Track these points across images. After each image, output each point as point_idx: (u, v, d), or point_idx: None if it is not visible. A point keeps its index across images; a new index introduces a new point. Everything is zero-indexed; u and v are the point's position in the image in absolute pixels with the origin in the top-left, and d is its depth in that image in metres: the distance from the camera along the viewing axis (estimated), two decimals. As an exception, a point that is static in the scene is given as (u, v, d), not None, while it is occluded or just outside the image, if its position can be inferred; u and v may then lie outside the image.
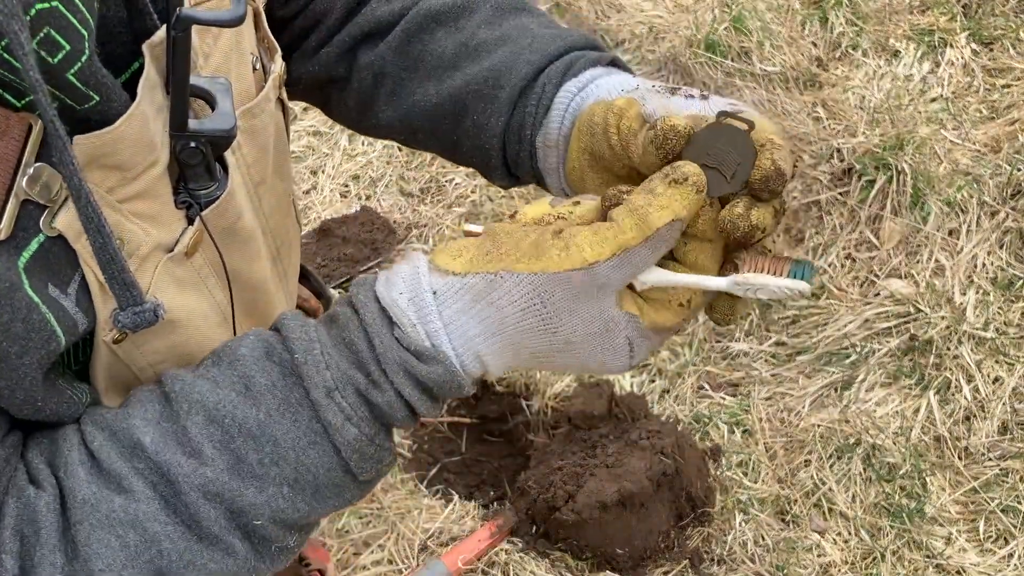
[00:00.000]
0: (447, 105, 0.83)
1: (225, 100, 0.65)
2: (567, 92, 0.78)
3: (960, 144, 2.66)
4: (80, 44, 0.55)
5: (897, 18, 3.09)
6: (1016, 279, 2.32)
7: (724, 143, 0.64)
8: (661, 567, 1.82)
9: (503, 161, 0.83)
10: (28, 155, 0.55)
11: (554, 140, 0.78)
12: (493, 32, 0.83)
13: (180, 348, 0.69)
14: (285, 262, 0.85)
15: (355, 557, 1.83)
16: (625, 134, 0.70)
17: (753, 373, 2.17)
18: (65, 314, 0.59)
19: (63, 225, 0.58)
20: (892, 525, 1.90)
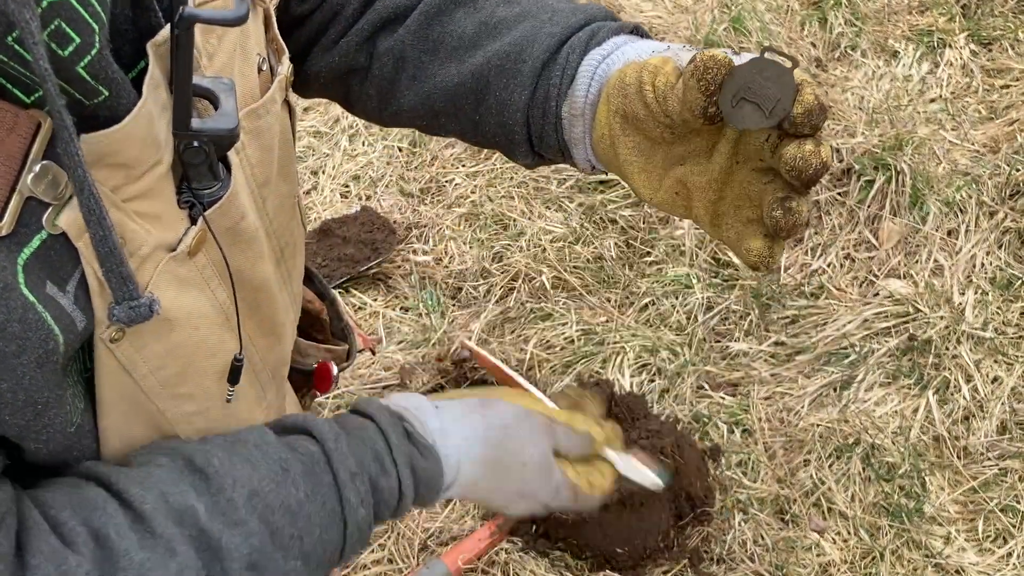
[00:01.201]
0: (469, 83, 0.83)
1: (228, 100, 0.65)
2: (592, 60, 0.77)
3: (959, 144, 2.67)
4: (91, 37, 0.55)
5: (896, 19, 3.09)
6: (1015, 279, 2.32)
7: (765, 78, 0.63)
8: (661, 566, 1.83)
9: (527, 137, 0.83)
10: (35, 152, 0.55)
11: (580, 108, 0.78)
12: (512, 9, 0.83)
13: (180, 350, 0.69)
14: (289, 263, 0.86)
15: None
16: (662, 89, 0.69)
17: (752, 373, 2.18)
18: (63, 312, 0.59)
19: (66, 223, 0.58)
20: (891, 524, 1.90)
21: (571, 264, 2.37)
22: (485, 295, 2.33)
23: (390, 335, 2.26)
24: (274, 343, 0.84)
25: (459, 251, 2.45)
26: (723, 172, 0.72)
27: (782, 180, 0.67)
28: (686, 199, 0.75)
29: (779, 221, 0.66)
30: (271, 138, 0.76)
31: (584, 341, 2.18)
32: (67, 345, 0.60)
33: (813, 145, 0.63)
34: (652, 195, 0.76)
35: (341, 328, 1.14)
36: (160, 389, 0.70)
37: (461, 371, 2.16)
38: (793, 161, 0.63)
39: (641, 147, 0.74)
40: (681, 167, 0.74)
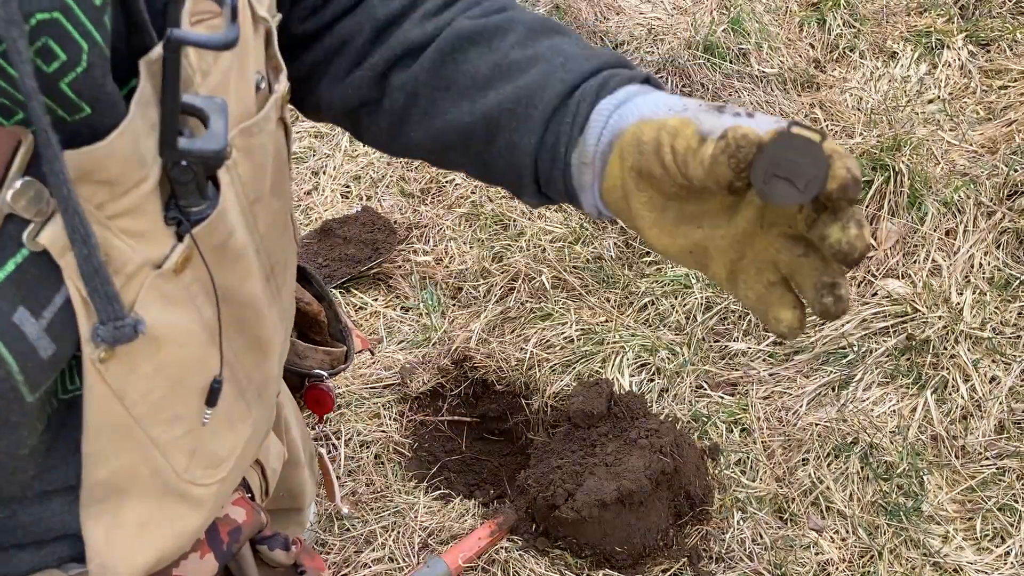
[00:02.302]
0: (480, 123, 0.83)
1: (218, 120, 0.64)
2: (604, 109, 0.77)
3: (957, 145, 2.68)
4: (77, 56, 0.55)
5: (894, 20, 3.10)
6: (1013, 279, 2.33)
7: (795, 153, 0.63)
8: (660, 565, 1.83)
9: (534, 179, 0.83)
10: (16, 168, 0.55)
11: (590, 157, 0.78)
12: (526, 52, 0.83)
13: (168, 369, 0.69)
14: (279, 280, 0.85)
15: (356, 555, 1.84)
16: (681, 153, 0.69)
17: (751, 372, 2.18)
18: (23, 341, 0.58)
19: (48, 240, 0.57)
20: (889, 523, 1.91)
21: (571, 264, 2.38)
22: (485, 295, 2.33)
23: (390, 335, 2.26)
24: (261, 360, 0.84)
25: (459, 251, 2.46)
26: (745, 235, 0.71)
27: (819, 256, 0.67)
28: (702, 258, 0.74)
29: (830, 308, 0.66)
30: (264, 156, 0.75)
31: (584, 341, 2.19)
32: (26, 373, 0.59)
33: (856, 228, 0.63)
34: (665, 249, 0.75)
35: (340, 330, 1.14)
36: (150, 414, 0.69)
37: (461, 371, 2.16)
38: (839, 246, 0.63)
39: (654, 202, 0.73)
40: (699, 230, 0.73)
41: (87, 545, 0.72)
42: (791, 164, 0.63)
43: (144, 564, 0.76)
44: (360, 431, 2.06)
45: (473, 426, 2.15)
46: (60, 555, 0.76)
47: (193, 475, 0.77)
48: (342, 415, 2.09)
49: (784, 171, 0.63)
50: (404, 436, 2.08)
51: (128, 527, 0.74)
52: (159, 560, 0.78)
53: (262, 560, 0.93)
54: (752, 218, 0.70)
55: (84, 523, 0.72)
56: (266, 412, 0.89)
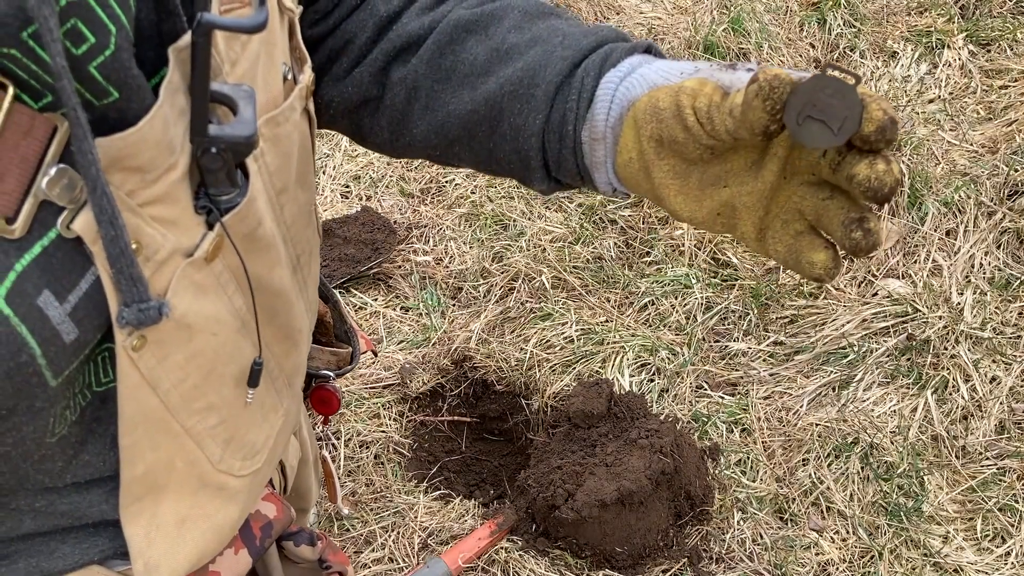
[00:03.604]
0: (482, 111, 0.82)
1: (247, 107, 0.64)
2: (609, 83, 0.77)
3: (957, 145, 2.68)
4: (106, 39, 0.55)
5: (895, 19, 3.10)
6: (1013, 279, 2.33)
7: (829, 95, 0.62)
8: (660, 565, 1.83)
9: (543, 163, 0.82)
10: (51, 155, 0.55)
11: (601, 132, 0.77)
12: (523, 36, 0.83)
13: (200, 358, 0.69)
14: (305, 271, 0.85)
15: (356, 555, 1.84)
16: (705, 110, 0.68)
17: (751, 372, 2.18)
18: (46, 325, 0.58)
19: (81, 226, 0.57)
20: (890, 524, 1.91)
21: (571, 264, 2.37)
22: (485, 295, 2.33)
23: (390, 335, 2.26)
24: (291, 349, 0.84)
25: (459, 251, 2.46)
26: (772, 189, 0.71)
27: (845, 196, 0.67)
28: (730, 218, 0.74)
29: (859, 243, 0.66)
30: (290, 145, 0.75)
31: (584, 341, 2.19)
32: (49, 358, 0.59)
33: (884, 164, 0.62)
34: (692, 215, 0.75)
35: (345, 331, 1.13)
36: (183, 404, 0.69)
37: (461, 371, 2.16)
38: (868, 182, 0.62)
39: (677, 169, 0.73)
40: (726, 189, 0.72)
41: (130, 546, 0.73)
42: (826, 105, 0.62)
43: (186, 562, 0.76)
44: (360, 431, 2.06)
45: (473, 426, 2.15)
46: (102, 549, 0.76)
47: (229, 465, 0.78)
48: (342, 415, 2.09)
49: (818, 113, 0.62)
50: (404, 436, 2.08)
51: (167, 525, 0.75)
52: (200, 557, 0.78)
53: (286, 556, 0.93)
54: (777, 170, 0.70)
55: (125, 523, 0.72)
56: (295, 403, 0.90)
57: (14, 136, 0.53)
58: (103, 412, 0.69)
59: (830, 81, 0.62)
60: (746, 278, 2.35)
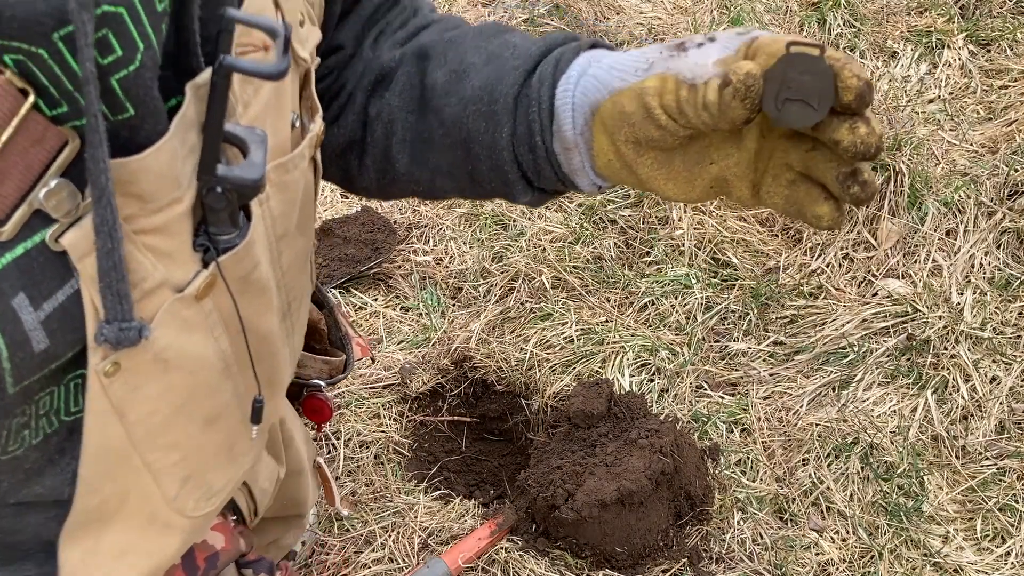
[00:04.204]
0: (454, 134, 0.83)
1: (258, 151, 0.64)
2: (565, 91, 0.77)
3: (957, 145, 2.68)
4: (132, 54, 0.56)
5: (895, 19, 3.10)
6: (1013, 279, 2.33)
7: (800, 72, 0.62)
8: (660, 565, 1.83)
9: (521, 174, 0.82)
10: (55, 168, 0.55)
11: (572, 142, 0.77)
12: (479, 55, 0.83)
13: (173, 394, 0.68)
14: (294, 318, 0.85)
15: (355, 555, 1.84)
16: (673, 106, 0.68)
17: (751, 372, 2.18)
18: (18, 328, 0.57)
19: (70, 242, 0.57)
20: (890, 524, 1.91)
21: (571, 264, 2.37)
22: (485, 295, 2.33)
23: (390, 335, 2.26)
24: (270, 395, 0.83)
25: (459, 251, 2.45)
26: (757, 152, 0.71)
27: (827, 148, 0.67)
28: (723, 188, 0.74)
29: (859, 195, 0.66)
30: (296, 192, 0.75)
31: (584, 341, 2.19)
32: (14, 362, 0.58)
33: (866, 126, 0.63)
34: (687, 197, 0.75)
35: (339, 338, 1.13)
36: (148, 438, 0.68)
37: (461, 371, 2.16)
38: (853, 147, 0.63)
39: (660, 160, 0.74)
40: (713, 165, 0.73)
41: (61, 568, 0.71)
42: (799, 84, 0.62)
43: None
44: (360, 431, 2.06)
45: (473, 426, 2.15)
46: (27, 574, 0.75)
47: (183, 505, 0.76)
48: (342, 415, 2.09)
49: (794, 93, 0.63)
50: (404, 436, 2.08)
51: (105, 555, 0.73)
52: None
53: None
54: (756, 135, 0.71)
55: (62, 546, 0.70)
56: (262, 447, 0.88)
57: (24, 142, 0.53)
58: (68, 444, 0.68)
59: (797, 59, 0.62)
60: (746, 278, 2.35)
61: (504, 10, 3.14)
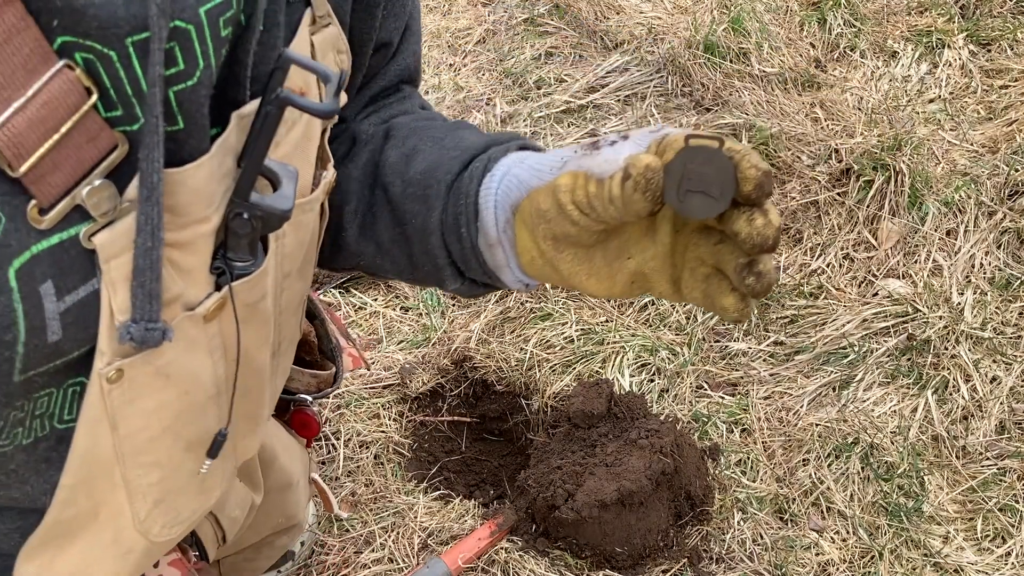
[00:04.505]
0: (395, 212, 0.85)
1: (289, 185, 0.67)
2: (488, 188, 0.79)
3: (958, 145, 2.67)
4: (193, 69, 0.58)
5: (895, 19, 3.10)
6: (1014, 279, 2.33)
7: (700, 165, 0.64)
8: (660, 565, 1.83)
9: (449, 260, 0.84)
10: (102, 168, 0.57)
11: (495, 239, 0.79)
12: (431, 143, 0.86)
13: (165, 411, 0.69)
14: (281, 359, 0.86)
15: (355, 556, 1.83)
16: (585, 202, 0.70)
17: (752, 372, 2.18)
18: (40, 314, 0.59)
19: (101, 242, 0.59)
20: (890, 524, 1.90)
21: (571, 264, 2.37)
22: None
23: (390, 335, 2.26)
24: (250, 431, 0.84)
25: (459, 251, 2.45)
26: (672, 247, 0.73)
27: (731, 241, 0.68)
28: (644, 283, 0.76)
29: (753, 287, 0.67)
30: (307, 234, 0.78)
31: (584, 341, 2.18)
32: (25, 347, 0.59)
33: (762, 217, 0.64)
34: (609, 293, 0.77)
35: (331, 349, 1.14)
36: (133, 454, 0.69)
37: (461, 371, 2.16)
38: (750, 239, 0.64)
39: (580, 256, 0.75)
40: (631, 260, 0.74)
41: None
42: (700, 176, 0.64)
43: None
44: (359, 431, 2.06)
45: (473, 426, 2.15)
46: None
47: (149, 527, 0.77)
48: (341, 415, 2.08)
49: (695, 184, 0.64)
50: (404, 436, 2.08)
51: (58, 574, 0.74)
52: None
53: None
54: (670, 229, 0.72)
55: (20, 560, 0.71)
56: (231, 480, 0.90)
57: (80, 138, 0.55)
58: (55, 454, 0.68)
59: (696, 151, 0.64)
60: (746, 278, 2.35)
61: (504, 10, 3.14)
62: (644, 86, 2.83)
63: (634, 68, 2.88)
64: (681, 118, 2.72)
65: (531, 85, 2.87)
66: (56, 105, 0.53)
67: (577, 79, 2.86)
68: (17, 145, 0.52)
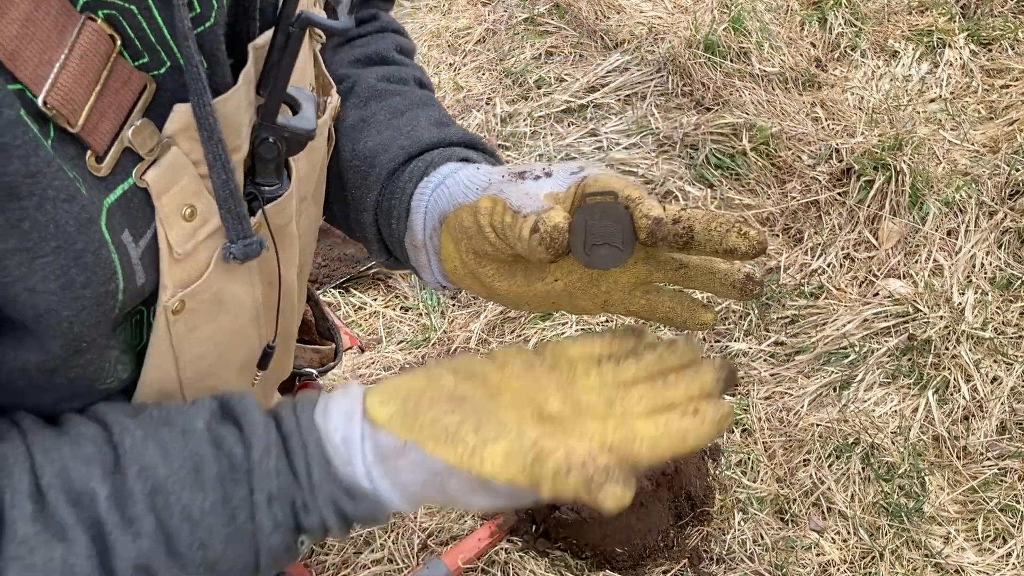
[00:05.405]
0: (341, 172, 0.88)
1: (309, 107, 0.71)
2: (422, 194, 0.82)
3: (959, 144, 2.67)
4: (208, 12, 0.61)
5: (896, 19, 3.09)
6: (1014, 279, 2.32)
7: (599, 218, 0.67)
8: (660, 566, 1.83)
9: (378, 237, 0.87)
10: (139, 108, 0.60)
11: (421, 242, 0.82)
12: (389, 117, 0.88)
13: (220, 336, 0.72)
14: (302, 284, 0.89)
15: (355, 556, 1.83)
16: (500, 229, 0.73)
17: (752, 373, 2.18)
18: (129, 262, 0.62)
19: (152, 179, 0.62)
20: (891, 524, 1.90)
21: (571, 264, 2.37)
22: (485, 295, 2.33)
23: (390, 335, 2.26)
24: (285, 351, 0.87)
25: (459, 251, 2.45)
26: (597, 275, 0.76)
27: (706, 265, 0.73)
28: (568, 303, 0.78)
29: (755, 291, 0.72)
30: (319, 158, 0.80)
31: (584, 341, 2.18)
32: (124, 294, 0.62)
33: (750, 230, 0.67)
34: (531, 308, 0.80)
35: (327, 328, 1.16)
36: (194, 381, 0.72)
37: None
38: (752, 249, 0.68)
39: (502, 271, 0.78)
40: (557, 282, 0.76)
41: None
42: (601, 228, 0.68)
43: None
44: (359, 431, 2.05)
45: (473, 426, 2.15)
46: None
47: None
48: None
49: (599, 238, 0.68)
50: (404, 436, 2.07)
51: None
52: None
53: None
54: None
55: None
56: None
57: (116, 84, 0.59)
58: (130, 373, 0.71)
59: (594, 208, 0.68)
60: (747, 278, 2.34)
61: (504, 9, 3.13)
62: (644, 86, 2.82)
63: (634, 68, 2.87)
64: (681, 118, 2.71)
65: (531, 85, 2.86)
66: (92, 56, 0.56)
67: (577, 79, 2.86)
68: (71, 101, 0.56)
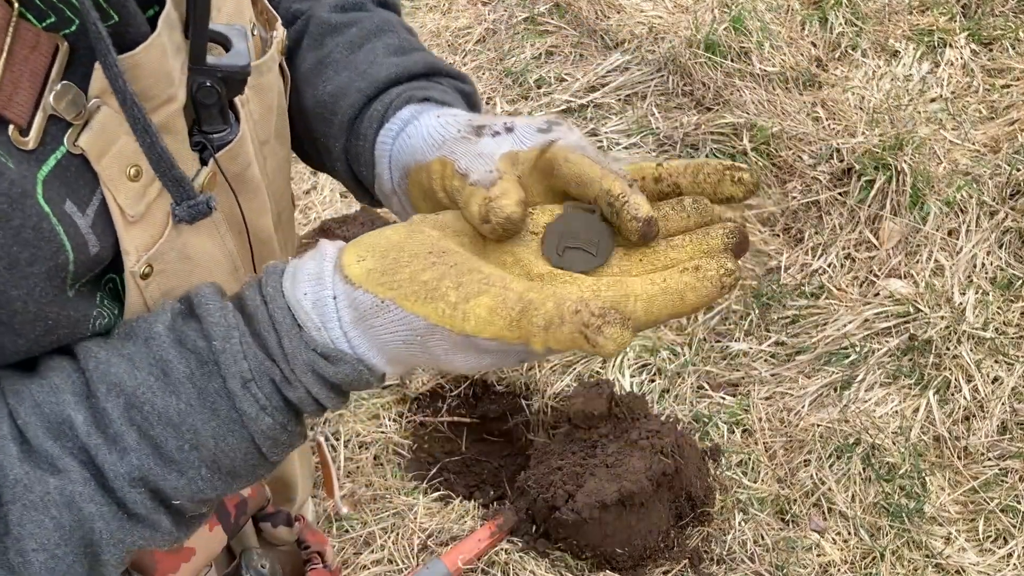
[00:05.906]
0: (306, 120, 0.86)
1: (241, 42, 0.68)
2: (383, 142, 0.79)
3: (959, 144, 2.67)
4: None
5: (896, 18, 3.09)
6: (1015, 279, 2.32)
7: (577, 227, 0.66)
8: (661, 566, 1.82)
9: (354, 178, 0.85)
10: (55, 72, 0.58)
11: (390, 190, 0.80)
12: (346, 54, 0.86)
13: None
14: (285, 230, 0.87)
15: (355, 556, 1.83)
16: (451, 193, 0.70)
17: (753, 373, 2.17)
18: (76, 231, 0.60)
19: (86, 143, 0.60)
20: (891, 525, 1.90)
21: (571, 264, 2.37)
22: (485, 295, 2.33)
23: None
24: None
25: (459, 251, 2.45)
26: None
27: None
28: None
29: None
30: (272, 97, 0.78)
31: (584, 341, 2.18)
32: (77, 265, 0.61)
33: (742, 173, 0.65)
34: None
35: None
36: None
37: (461, 371, 2.16)
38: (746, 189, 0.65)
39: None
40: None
41: None
42: (579, 234, 0.67)
43: None
44: (359, 432, 2.05)
45: (473, 427, 2.14)
46: None
47: None
48: (341, 416, 2.08)
49: (574, 243, 0.67)
50: (403, 437, 2.07)
51: None
52: None
53: (264, 538, 0.93)
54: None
55: None
56: None
57: (23, 50, 0.56)
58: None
59: (573, 218, 0.67)
60: (747, 278, 2.34)
61: (504, 9, 3.13)
62: (645, 85, 2.82)
63: (635, 67, 2.87)
64: (682, 117, 2.71)
65: (531, 84, 2.86)
66: None
67: (577, 78, 2.86)
68: None
